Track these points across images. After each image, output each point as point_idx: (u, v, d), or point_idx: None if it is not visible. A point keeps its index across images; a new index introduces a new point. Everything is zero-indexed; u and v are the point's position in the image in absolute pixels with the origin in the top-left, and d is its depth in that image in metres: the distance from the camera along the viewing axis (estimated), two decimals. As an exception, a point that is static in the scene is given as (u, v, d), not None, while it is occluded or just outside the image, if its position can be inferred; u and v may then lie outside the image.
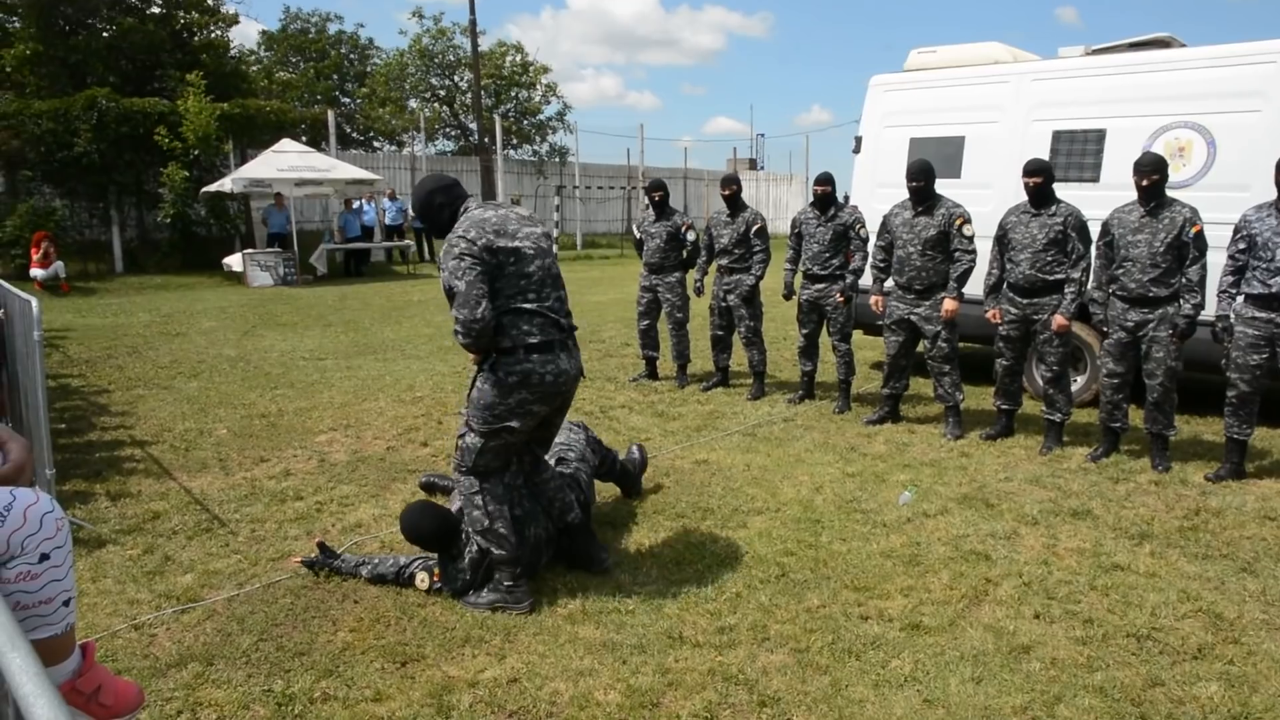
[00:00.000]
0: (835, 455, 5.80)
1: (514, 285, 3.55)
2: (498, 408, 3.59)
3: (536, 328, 3.58)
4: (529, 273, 3.59)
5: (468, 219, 3.57)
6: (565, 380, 3.68)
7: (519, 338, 3.55)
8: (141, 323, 11.77)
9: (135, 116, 17.33)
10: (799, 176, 35.69)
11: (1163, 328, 5.35)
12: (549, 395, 3.64)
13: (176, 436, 6.25)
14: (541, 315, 3.60)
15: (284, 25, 37.40)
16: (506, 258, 3.53)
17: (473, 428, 3.64)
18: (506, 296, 3.54)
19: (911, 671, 3.12)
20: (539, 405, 3.64)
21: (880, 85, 8.25)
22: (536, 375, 3.56)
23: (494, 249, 3.50)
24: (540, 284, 3.62)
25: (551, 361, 3.60)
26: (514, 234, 3.57)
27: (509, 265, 3.54)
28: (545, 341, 3.58)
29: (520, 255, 3.56)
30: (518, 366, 3.54)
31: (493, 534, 3.66)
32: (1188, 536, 4.39)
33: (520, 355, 3.54)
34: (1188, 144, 6.59)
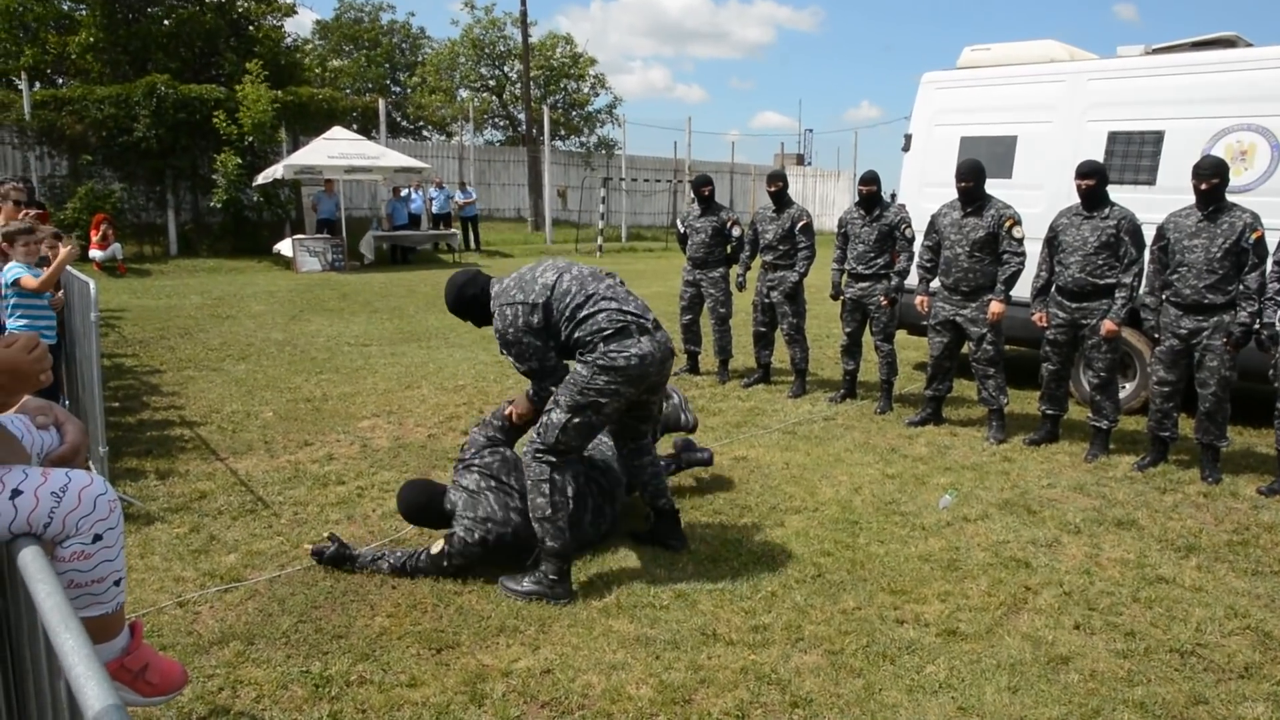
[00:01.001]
0: (875, 456, 5.75)
1: (562, 304, 3.75)
2: (588, 388, 3.67)
3: (604, 320, 3.70)
4: (565, 289, 3.77)
5: (498, 302, 3.83)
6: (651, 362, 3.73)
7: (592, 338, 3.70)
8: (193, 305, 12.02)
9: (193, 103, 17.69)
10: (847, 173, 35.32)
11: (1217, 336, 5.22)
12: (635, 379, 3.71)
13: (224, 418, 6.38)
14: (601, 310, 3.72)
15: (338, 14, 37.90)
16: (545, 298, 3.75)
17: (560, 403, 3.69)
18: (562, 315, 3.75)
19: (946, 678, 3.09)
20: (626, 388, 3.71)
21: (932, 83, 8.14)
22: (621, 360, 3.66)
23: (532, 307, 3.73)
24: (580, 289, 3.77)
25: (633, 345, 3.68)
26: (533, 279, 3.79)
27: (550, 304, 3.75)
28: (619, 328, 3.69)
29: (550, 285, 3.78)
30: (601, 359, 3.67)
31: (552, 524, 3.69)
32: (1237, 551, 4.28)
33: (600, 348, 3.66)
34: (1250, 147, 6.42)
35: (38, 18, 20.63)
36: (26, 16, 20.59)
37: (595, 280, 3.84)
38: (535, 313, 3.71)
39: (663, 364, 3.82)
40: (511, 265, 19.10)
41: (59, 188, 16.61)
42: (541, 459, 3.73)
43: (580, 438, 3.77)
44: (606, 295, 3.78)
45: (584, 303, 3.73)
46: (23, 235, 5.02)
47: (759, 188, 30.55)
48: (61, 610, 1.23)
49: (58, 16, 21.16)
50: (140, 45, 20.67)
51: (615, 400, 3.70)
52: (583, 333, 3.70)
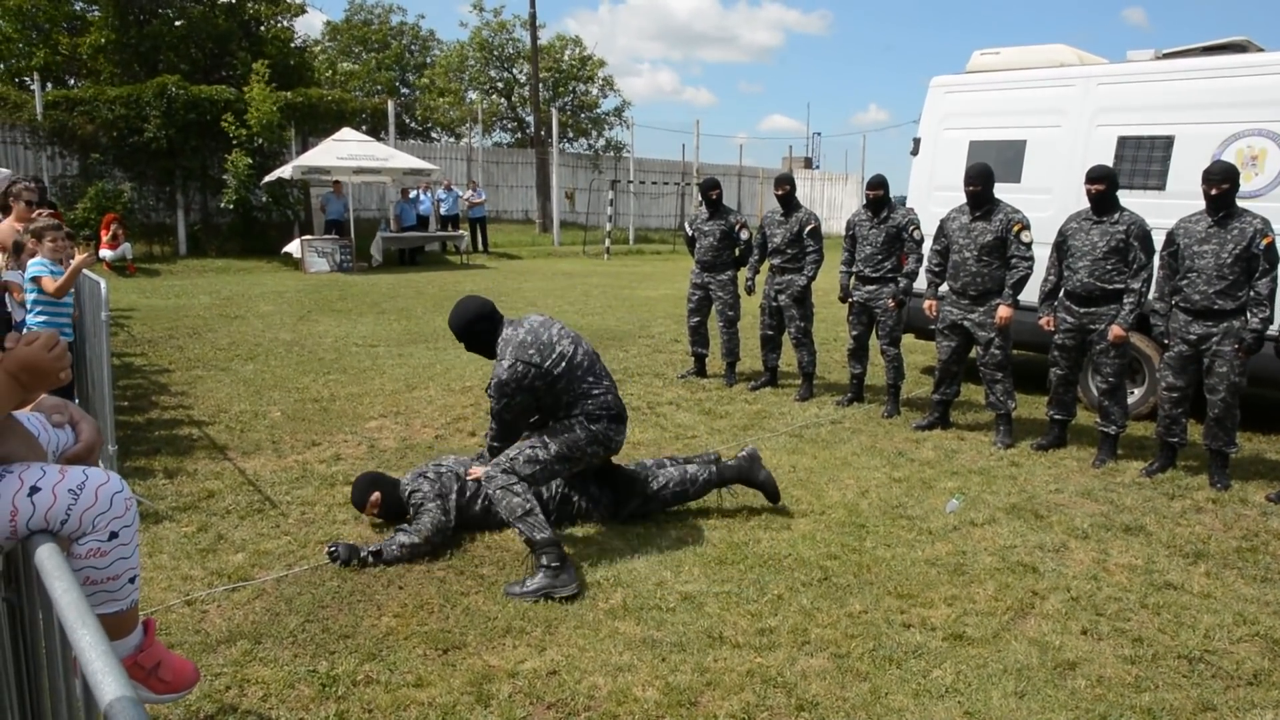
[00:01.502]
0: (882, 460, 5.75)
1: (573, 379, 4.11)
2: (577, 449, 4.12)
3: (612, 403, 4.22)
4: (579, 363, 4.14)
5: (512, 353, 4.06)
6: (620, 442, 4.32)
7: (597, 411, 4.15)
8: (202, 305, 12.07)
9: (203, 103, 17.76)
10: (855, 176, 35.31)
11: (1227, 342, 5.21)
12: (609, 451, 4.30)
13: (232, 417, 6.40)
14: (608, 393, 4.22)
15: (348, 16, 38.04)
16: (560, 369, 4.08)
17: (549, 448, 4.06)
18: (571, 389, 4.12)
19: (953, 682, 3.09)
20: (598, 459, 4.29)
21: (941, 86, 8.14)
22: (615, 443, 4.26)
23: (546, 374, 4.05)
24: (590, 370, 4.19)
25: (622, 431, 4.29)
26: (550, 344, 4.08)
27: (562, 376, 4.08)
28: (617, 414, 4.24)
29: (568, 356, 4.11)
30: (604, 431, 4.17)
31: (531, 517, 3.86)
32: (1246, 558, 4.27)
33: (604, 423, 4.16)
34: (1261, 152, 6.40)
35: (50, 19, 20.75)
36: (39, 18, 20.71)
37: (598, 359, 4.31)
38: (544, 380, 4.05)
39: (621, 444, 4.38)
40: (519, 267, 19.16)
41: (70, 188, 16.69)
42: (509, 476, 3.98)
43: (548, 478, 4.19)
44: (607, 377, 4.29)
45: (594, 381, 4.18)
46: (51, 231, 5.06)
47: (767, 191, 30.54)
48: (78, 606, 1.24)
49: (69, 18, 21.28)
50: (151, 46, 20.77)
51: (586, 463, 4.24)
52: (592, 405, 4.14)
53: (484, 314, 4.21)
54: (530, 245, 23.47)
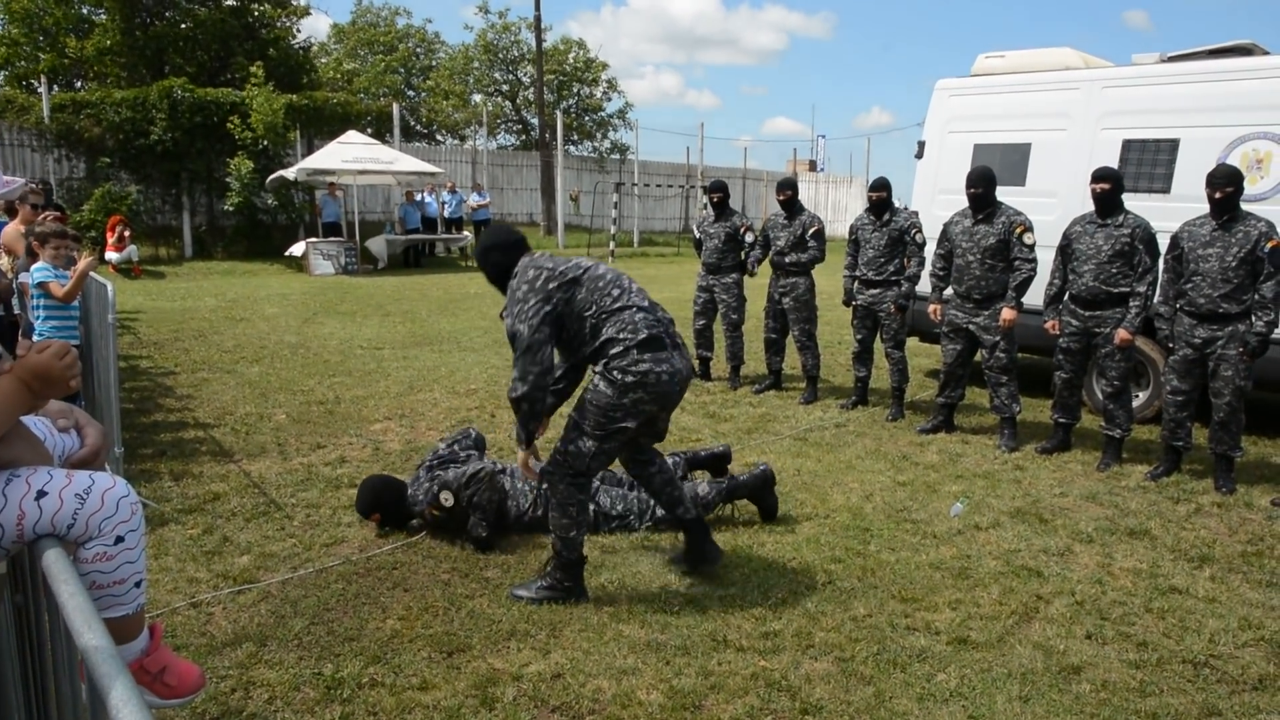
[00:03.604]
0: (887, 463, 5.74)
1: (594, 290, 3.56)
2: (615, 410, 3.52)
3: (641, 323, 3.53)
4: (600, 274, 3.63)
5: (529, 262, 3.68)
6: (679, 381, 3.60)
7: (624, 337, 3.50)
8: (208, 307, 12.10)
9: (208, 106, 17.84)
10: (859, 179, 35.29)
11: (1232, 345, 5.20)
12: (663, 396, 3.57)
13: (238, 420, 6.42)
14: (639, 309, 3.57)
15: (354, 19, 38.13)
16: (578, 275, 3.59)
17: (585, 430, 3.57)
18: (593, 303, 3.55)
19: (957, 686, 3.09)
20: (652, 405, 3.58)
21: (945, 89, 8.14)
22: (653, 375, 3.49)
23: (560, 275, 3.57)
24: (616, 282, 3.62)
25: (666, 360, 3.52)
26: (568, 261, 3.70)
27: (582, 282, 3.58)
28: (653, 337, 3.52)
29: (585, 266, 3.66)
30: (634, 366, 3.48)
31: (574, 543, 3.66)
32: (1251, 562, 4.26)
33: (634, 355, 3.48)
34: (1266, 155, 6.39)
35: (56, 22, 20.84)
36: (45, 21, 20.80)
37: (629, 280, 3.70)
38: (560, 284, 3.53)
39: (686, 383, 3.68)
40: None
41: (76, 190, 16.76)
42: (572, 481, 3.63)
43: (607, 459, 3.71)
44: (639, 297, 3.64)
45: (619, 295, 3.56)
46: (54, 238, 5.09)
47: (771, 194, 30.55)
48: (85, 610, 1.25)
49: (76, 21, 21.37)
50: (157, 49, 20.86)
51: (639, 420, 3.57)
52: (613, 329, 3.50)
53: (501, 243, 3.83)
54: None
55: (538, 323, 3.47)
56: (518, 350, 3.50)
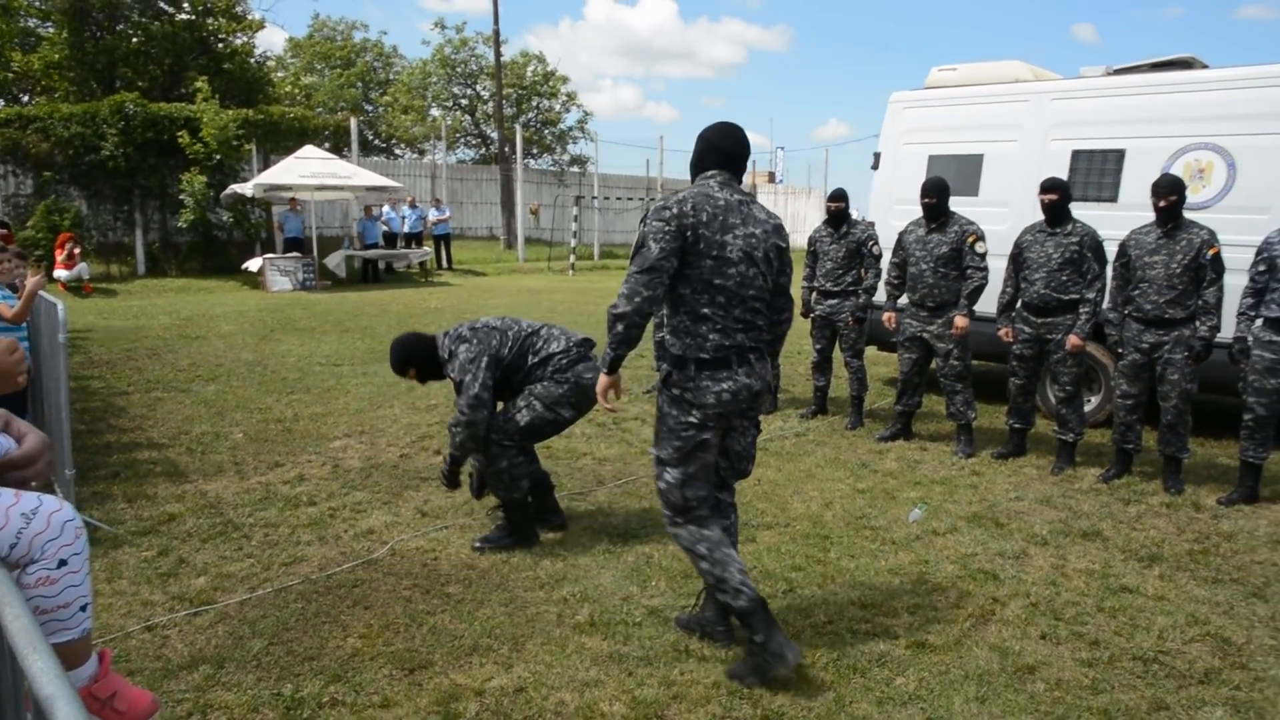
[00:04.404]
0: (846, 471, 5.80)
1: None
2: (680, 428, 3.24)
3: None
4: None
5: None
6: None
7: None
8: (161, 325, 11.91)
9: (161, 121, 17.57)
10: (818, 190, 35.69)
11: (1178, 350, 5.33)
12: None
13: (193, 439, 6.32)
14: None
15: (310, 33, 37.88)
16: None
17: (664, 459, 3.25)
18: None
19: (916, 689, 3.13)
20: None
21: (900, 102, 8.27)
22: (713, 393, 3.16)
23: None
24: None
25: (727, 378, 3.18)
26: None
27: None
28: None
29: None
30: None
31: (728, 587, 3.15)
32: (1198, 560, 4.37)
33: (691, 370, 3.18)
34: (1208, 165, 6.57)
35: (1, 35, 20.43)
36: (-9, 34, 20.42)
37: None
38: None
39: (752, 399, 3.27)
40: (484, 284, 19.11)
41: (24, 207, 16.42)
42: (680, 527, 3.27)
43: (702, 482, 3.25)
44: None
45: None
46: None
47: (731, 205, 30.65)
48: (30, 633, 1.23)
49: (23, 34, 20.98)
50: (108, 62, 20.52)
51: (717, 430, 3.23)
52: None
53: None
54: (495, 262, 23.44)
55: (668, 248, 3.06)
56: (634, 265, 3.11)
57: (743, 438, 3.39)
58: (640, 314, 3.10)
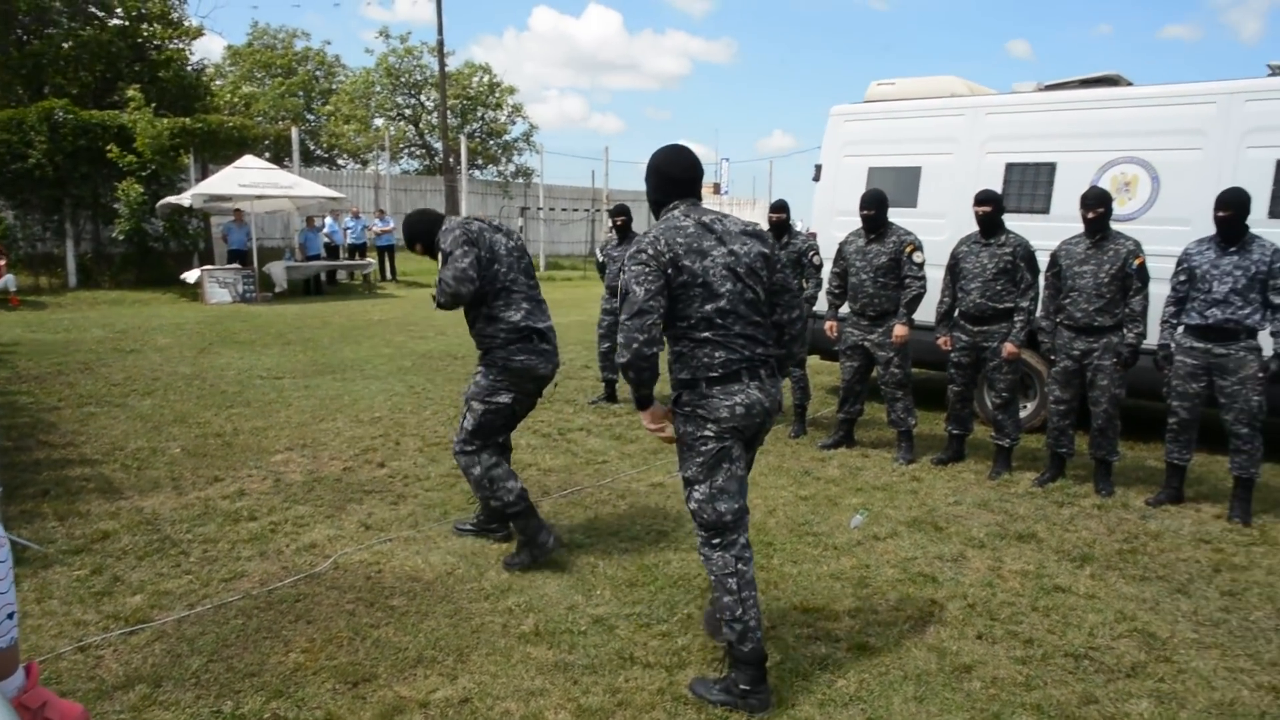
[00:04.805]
0: (789, 479, 5.88)
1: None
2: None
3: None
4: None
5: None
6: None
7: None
8: (94, 338, 11.59)
9: (94, 129, 17.12)
10: (763, 201, 36.08)
11: (1107, 356, 5.51)
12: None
13: (128, 455, 6.17)
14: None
15: (250, 40, 37.21)
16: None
17: (689, 478, 3.21)
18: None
19: (856, 691, 3.19)
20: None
21: (840, 115, 8.42)
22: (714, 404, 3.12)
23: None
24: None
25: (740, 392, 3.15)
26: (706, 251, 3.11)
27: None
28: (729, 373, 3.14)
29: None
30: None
31: (739, 628, 3.06)
32: (1127, 559, 4.52)
33: (703, 389, 3.15)
34: (1133, 179, 6.82)
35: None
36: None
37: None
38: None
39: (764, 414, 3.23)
40: (429, 296, 18.92)
41: (-54, 219, 15.87)
42: (715, 550, 3.15)
43: (728, 494, 3.14)
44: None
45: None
46: None
47: (677, 216, 30.84)
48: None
49: (-55, 39, 20.33)
50: (34, 67, 19.94)
51: (738, 440, 3.19)
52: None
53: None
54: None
55: (653, 288, 3.04)
56: (624, 312, 3.09)
57: (749, 457, 3.34)
58: (643, 357, 3.07)
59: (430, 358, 10.66)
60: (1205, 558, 4.57)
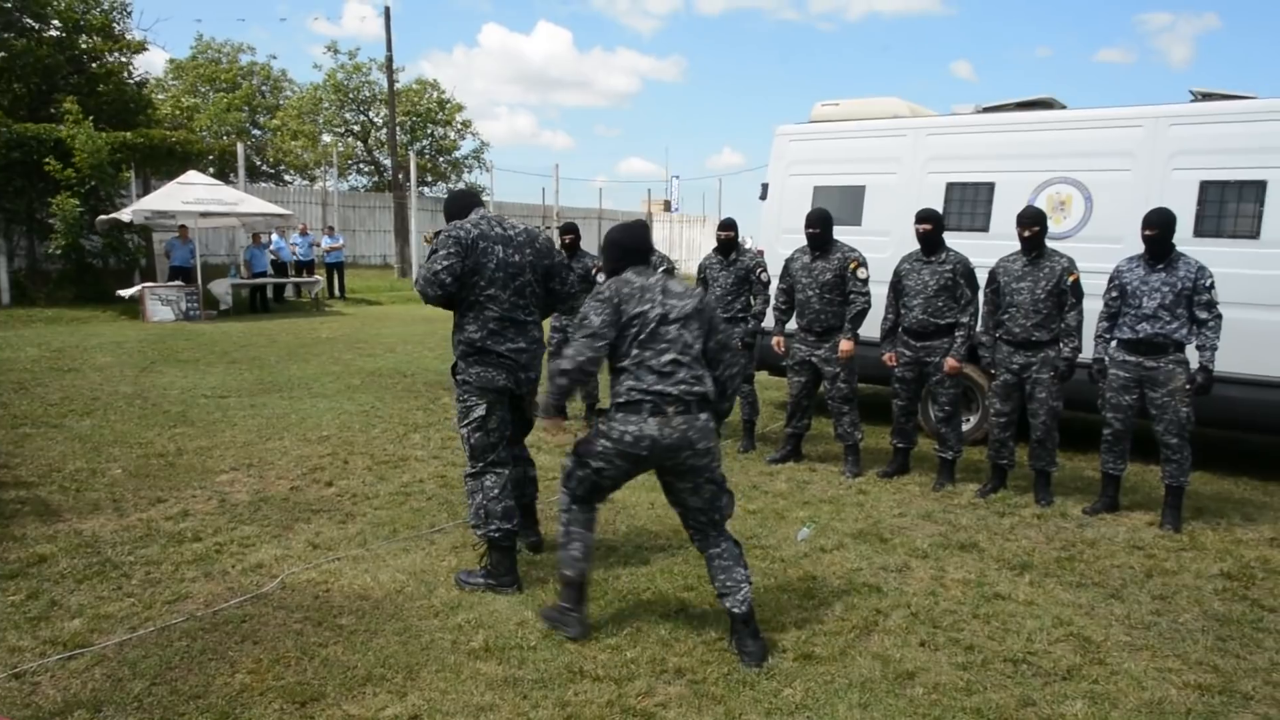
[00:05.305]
0: (738, 494, 5.88)
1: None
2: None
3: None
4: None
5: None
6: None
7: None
8: (29, 357, 11.29)
9: (28, 142, 16.70)
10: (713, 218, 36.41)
11: (1044, 370, 5.68)
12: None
13: (66, 477, 6.03)
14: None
15: (194, 54, 36.66)
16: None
17: (580, 453, 3.75)
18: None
19: (802, 699, 3.24)
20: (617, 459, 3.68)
21: (786, 135, 8.57)
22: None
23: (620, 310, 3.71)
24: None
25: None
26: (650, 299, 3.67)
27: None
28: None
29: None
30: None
31: (567, 559, 3.77)
32: (1064, 566, 4.66)
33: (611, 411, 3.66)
34: (1068, 198, 7.05)
35: None
36: None
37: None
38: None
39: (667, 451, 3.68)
40: (378, 313, 18.80)
41: None
42: (563, 494, 3.85)
43: (583, 486, 3.78)
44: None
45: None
46: None
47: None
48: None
49: None
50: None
51: (610, 468, 3.71)
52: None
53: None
54: (389, 290, 23.07)
55: (608, 319, 3.62)
56: (580, 333, 3.64)
57: (696, 496, 3.67)
58: (583, 371, 3.59)
59: (379, 375, 10.58)
60: (1138, 563, 4.73)
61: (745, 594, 3.58)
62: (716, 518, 3.70)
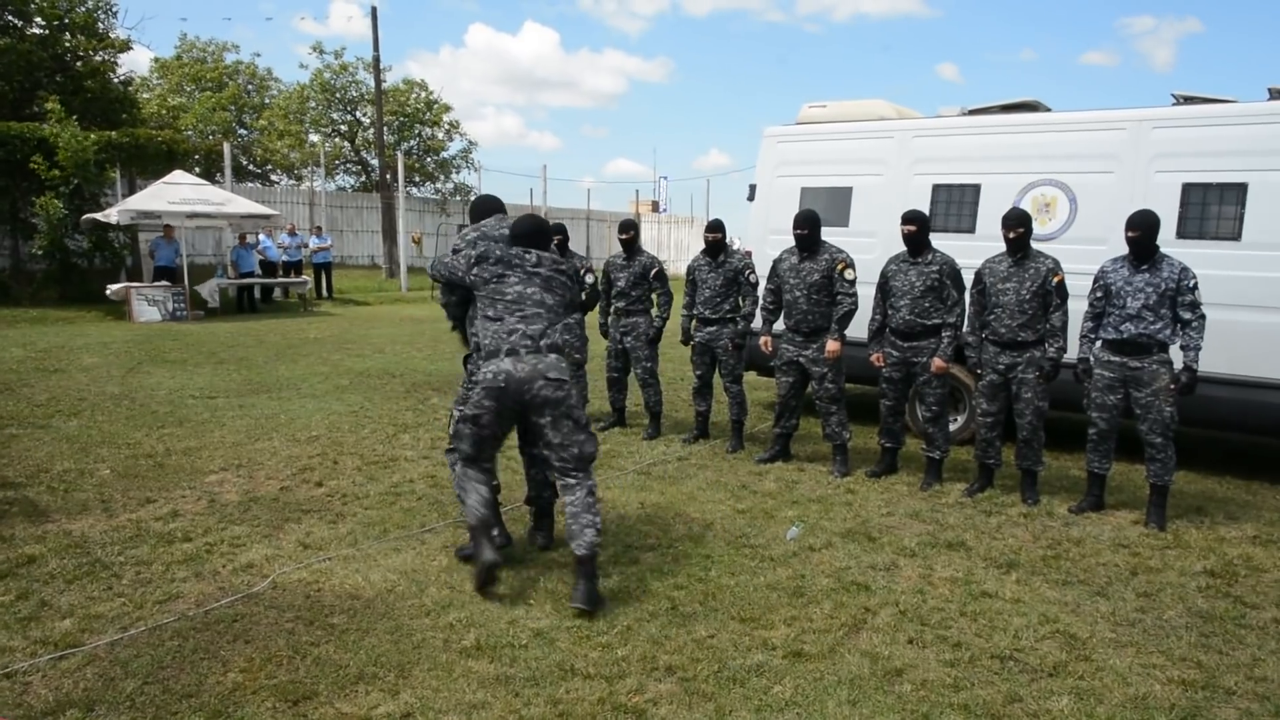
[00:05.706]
0: (727, 493, 5.98)
1: (487, 265, 4.35)
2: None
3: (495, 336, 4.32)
4: (499, 265, 4.32)
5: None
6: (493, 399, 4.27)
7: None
8: (14, 358, 11.23)
9: (11, 141, 16.60)
10: (700, 219, 36.48)
11: (1030, 370, 5.74)
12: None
13: (54, 477, 6.01)
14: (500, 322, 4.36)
15: (179, 53, 36.44)
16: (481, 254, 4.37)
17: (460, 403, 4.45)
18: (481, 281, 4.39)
19: (792, 696, 3.28)
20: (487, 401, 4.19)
21: (773, 136, 8.61)
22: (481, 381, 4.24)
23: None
24: (508, 279, 4.33)
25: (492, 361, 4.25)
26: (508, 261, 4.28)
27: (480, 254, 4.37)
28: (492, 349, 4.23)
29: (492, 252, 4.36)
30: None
31: (469, 510, 4.24)
32: (1050, 564, 4.71)
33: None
34: (1053, 200, 7.11)
35: None
36: None
37: (537, 289, 4.46)
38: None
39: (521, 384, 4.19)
40: (366, 313, 18.76)
41: None
42: (451, 455, 4.51)
43: (462, 440, 4.32)
44: (517, 307, 4.39)
45: (497, 289, 4.35)
46: None
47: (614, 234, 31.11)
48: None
49: None
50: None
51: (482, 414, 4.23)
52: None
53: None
54: (377, 291, 23.02)
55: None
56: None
57: (554, 430, 4.17)
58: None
59: (368, 376, 10.57)
60: (1123, 561, 4.79)
61: (589, 538, 4.05)
62: (577, 452, 4.18)
